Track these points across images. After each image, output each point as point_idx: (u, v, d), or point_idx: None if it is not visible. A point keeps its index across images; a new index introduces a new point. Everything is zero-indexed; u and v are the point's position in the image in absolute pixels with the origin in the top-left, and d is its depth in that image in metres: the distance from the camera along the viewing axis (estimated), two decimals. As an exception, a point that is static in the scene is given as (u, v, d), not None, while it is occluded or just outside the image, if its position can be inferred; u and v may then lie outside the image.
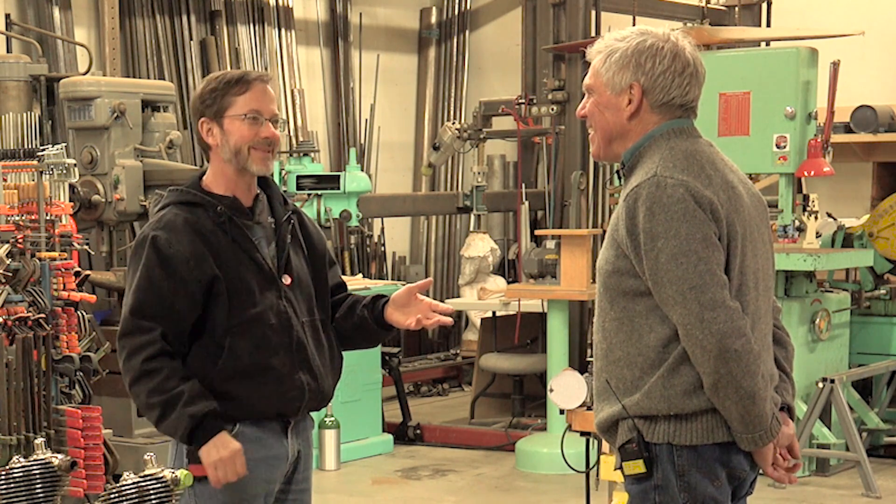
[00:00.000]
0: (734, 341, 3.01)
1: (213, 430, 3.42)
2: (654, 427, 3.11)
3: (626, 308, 3.13)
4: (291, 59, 11.07)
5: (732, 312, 3.02)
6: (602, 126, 3.24)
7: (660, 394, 3.09)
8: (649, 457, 3.12)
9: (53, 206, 5.60)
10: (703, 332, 3.00)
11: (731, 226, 3.10)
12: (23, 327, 5.34)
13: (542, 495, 7.46)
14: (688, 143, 3.20)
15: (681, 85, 3.21)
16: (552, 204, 9.16)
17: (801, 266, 7.58)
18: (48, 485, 3.55)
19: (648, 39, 3.18)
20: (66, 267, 5.56)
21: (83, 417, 5.38)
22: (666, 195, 3.05)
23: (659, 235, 3.04)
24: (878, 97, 9.57)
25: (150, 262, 3.45)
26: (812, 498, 7.31)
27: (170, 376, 3.42)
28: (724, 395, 3.04)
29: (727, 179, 3.17)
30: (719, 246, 3.07)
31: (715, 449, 3.11)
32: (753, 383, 3.03)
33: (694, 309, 3.01)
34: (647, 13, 9.67)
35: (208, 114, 3.54)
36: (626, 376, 3.14)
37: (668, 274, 3.03)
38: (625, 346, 3.14)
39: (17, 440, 5.26)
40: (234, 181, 3.57)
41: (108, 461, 5.58)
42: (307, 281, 3.66)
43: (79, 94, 7.90)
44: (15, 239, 5.43)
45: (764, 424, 3.08)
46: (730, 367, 3.01)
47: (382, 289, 8.78)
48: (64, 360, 5.51)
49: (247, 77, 3.55)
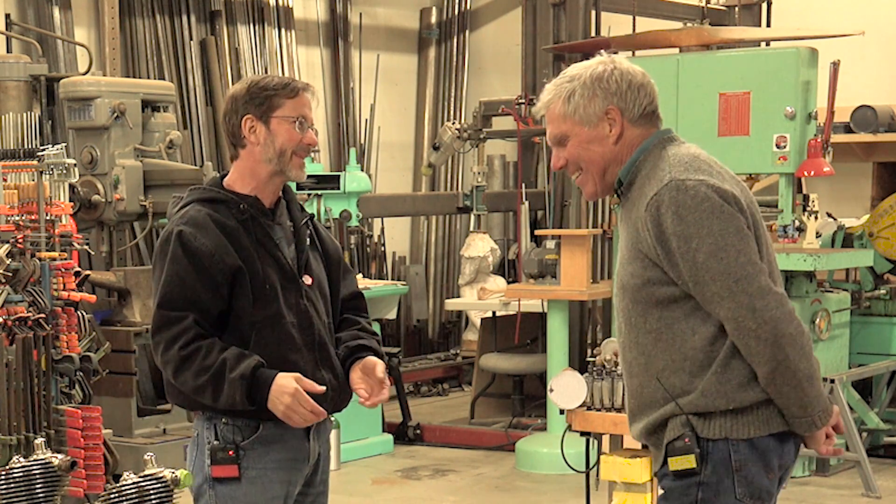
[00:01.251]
0: (787, 325, 3.04)
1: (267, 382, 3.40)
2: (710, 423, 3.11)
3: (663, 317, 3.14)
4: (291, 59, 11.07)
5: (781, 297, 3.06)
6: (592, 161, 3.23)
7: (716, 390, 3.09)
8: (700, 452, 3.12)
9: (53, 206, 5.60)
10: (757, 321, 3.02)
11: (754, 215, 3.14)
12: (23, 327, 5.35)
13: (542, 495, 7.46)
14: (683, 147, 3.21)
15: (646, 93, 3.21)
16: (552, 204, 9.16)
17: (801, 266, 7.58)
18: (48, 485, 3.55)
19: (597, 67, 3.20)
20: (66, 267, 5.56)
21: (83, 417, 5.38)
22: (689, 196, 3.06)
23: (692, 236, 3.05)
24: (878, 97, 9.57)
25: (177, 256, 3.46)
26: (812, 498, 7.31)
27: (207, 353, 3.41)
28: (781, 382, 3.06)
29: (733, 175, 3.21)
30: (751, 235, 3.10)
31: (770, 440, 3.13)
32: (810, 365, 3.08)
33: (743, 300, 3.03)
34: (647, 13, 9.67)
35: (255, 112, 3.53)
36: (674, 384, 3.14)
37: (709, 272, 3.04)
38: (666, 355, 3.14)
39: (17, 440, 5.26)
40: (264, 182, 3.58)
41: (108, 461, 5.59)
42: (325, 284, 3.68)
43: (79, 94, 7.90)
44: (15, 239, 5.43)
45: (823, 403, 3.14)
46: (787, 352, 3.03)
47: (382, 289, 8.79)
48: (64, 360, 5.51)
49: (296, 84, 3.57)
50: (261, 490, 3.51)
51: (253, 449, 3.50)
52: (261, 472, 3.51)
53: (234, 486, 3.49)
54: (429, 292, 11.85)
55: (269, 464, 3.51)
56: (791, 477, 8.06)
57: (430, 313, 11.88)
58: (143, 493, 3.33)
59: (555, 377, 5.55)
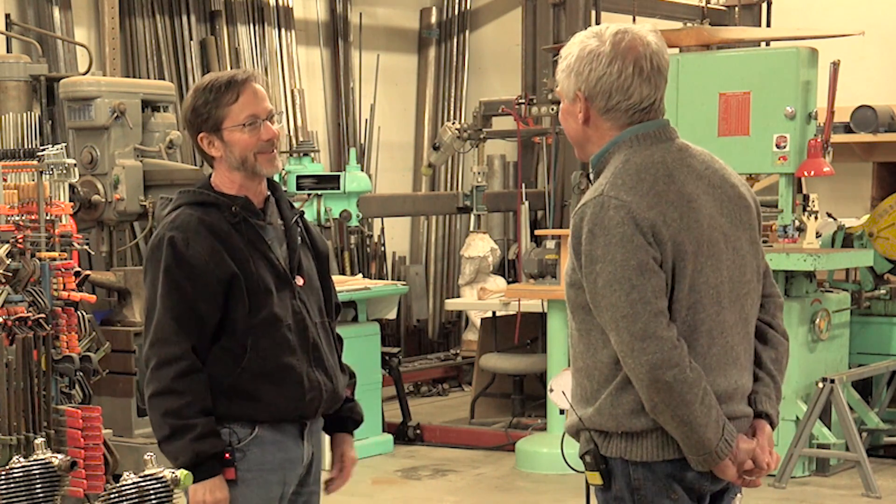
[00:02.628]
0: (664, 372, 2.96)
1: (212, 471, 3.42)
2: (609, 442, 3.10)
3: (584, 321, 3.11)
4: (291, 59, 11.07)
5: (664, 343, 2.97)
6: (568, 133, 3.23)
7: (609, 412, 3.07)
8: (606, 469, 3.11)
9: (53, 206, 5.60)
10: (635, 362, 2.98)
11: (679, 245, 3.03)
12: (23, 327, 5.34)
13: (542, 495, 7.46)
14: (648, 152, 3.10)
15: (621, 88, 3.07)
16: (552, 204, 9.16)
17: (801, 266, 7.58)
18: (48, 485, 3.55)
19: (592, 44, 3.10)
20: (66, 267, 5.56)
21: (83, 417, 5.38)
22: (607, 217, 3.00)
23: (598, 259, 3.01)
24: (878, 97, 9.57)
25: (170, 264, 3.44)
26: (812, 498, 7.30)
27: (192, 403, 3.41)
28: (663, 420, 3.02)
29: (683, 193, 3.08)
30: (658, 271, 3.00)
31: (667, 465, 3.08)
32: (689, 412, 2.99)
33: (625, 338, 2.98)
34: (646, 13, 9.67)
35: (206, 128, 3.51)
36: (586, 386, 3.14)
37: (603, 300, 3.01)
38: (584, 358, 3.13)
39: (17, 440, 5.26)
40: (245, 185, 3.56)
41: (108, 461, 5.58)
42: (316, 283, 3.67)
43: (79, 94, 7.90)
44: (15, 239, 5.43)
45: (707, 448, 3.03)
46: (662, 397, 2.98)
47: (383, 289, 8.79)
48: (64, 360, 5.51)
49: (234, 81, 3.49)
50: (257, 492, 3.51)
51: (249, 451, 3.50)
52: (257, 475, 3.51)
53: (231, 489, 3.48)
54: (429, 292, 11.86)
55: (265, 466, 3.51)
56: (791, 477, 8.06)
57: (430, 313, 11.88)
58: (143, 493, 3.33)
59: (555, 377, 5.55)
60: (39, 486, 3.55)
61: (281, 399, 3.51)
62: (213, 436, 3.42)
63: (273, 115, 3.57)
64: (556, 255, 8.15)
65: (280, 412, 3.52)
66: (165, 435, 3.42)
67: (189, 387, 3.41)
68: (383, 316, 8.97)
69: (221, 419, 3.47)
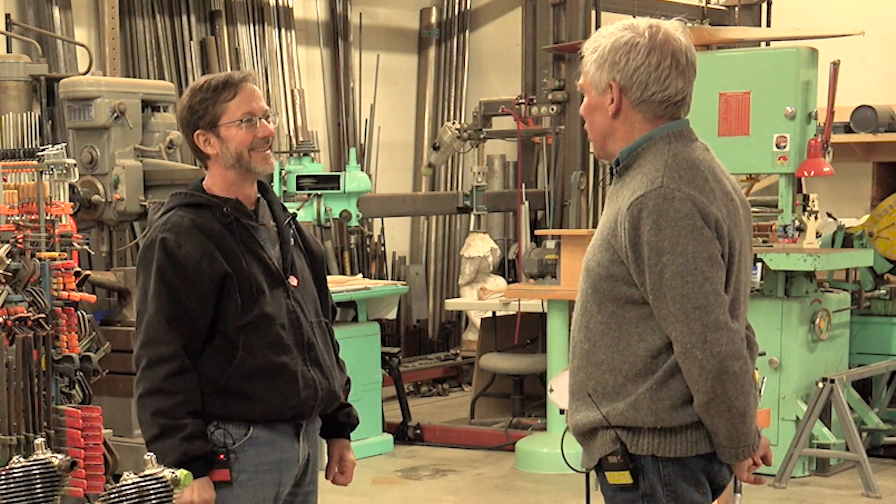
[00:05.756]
0: (734, 363, 2.99)
1: (200, 472, 3.42)
2: (638, 439, 3.09)
3: (616, 314, 3.09)
4: (291, 59, 11.07)
5: (734, 334, 3.01)
6: (593, 127, 3.19)
7: (647, 406, 3.06)
8: (635, 467, 3.10)
9: (53, 206, 5.59)
10: (705, 353, 2.98)
11: (732, 242, 3.08)
12: (23, 327, 5.33)
13: (542, 495, 7.46)
14: (689, 149, 3.12)
15: (658, 79, 3.08)
16: (552, 204, 9.16)
17: (801, 266, 7.58)
18: (48, 485, 3.54)
19: (626, 35, 3.12)
20: (66, 267, 5.55)
21: (83, 417, 5.37)
22: (674, 209, 2.99)
23: (665, 250, 2.99)
24: (878, 97, 9.57)
25: (161, 265, 3.45)
26: (812, 498, 7.31)
27: (182, 404, 3.42)
28: (714, 413, 3.03)
29: (726, 191, 3.13)
30: (722, 264, 3.04)
31: (699, 460, 3.11)
32: (746, 403, 3.03)
33: (697, 329, 2.98)
34: (646, 13, 9.63)
35: (202, 125, 3.53)
36: (607, 381, 3.11)
37: (671, 291, 2.99)
38: (609, 351, 3.11)
39: (17, 440, 5.25)
40: (238, 185, 3.57)
41: (108, 461, 5.57)
42: (311, 283, 3.68)
43: (79, 94, 7.89)
44: (15, 239, 5.42)
45: (749, 441, 3.09)
46: (726, 388, 3.00)
47: (382, 289, 8.79)
48: (64, 360, 5.50)
49: (232, 80, 3.53)
50: (252, 493, 3.51)
51: (244, 452, 3.51)
52: (252, 476, 3.52)
53: (226, 490, 3.48)
54: (429, 292, 11.86)
55: (261, 466, 3.51)
56: (791, 477, 8.08)
57: (430, 313, 11.88)
58: (143, 493, 3.32)
59: (555, 377, 5.54)
60: (39, 486, 3.54)
61: (275, 397, 3.50)
62: (202, 437, 3.44)
63: (269, 114, 3.59)
64: (556, 255, 8.15)
65: (274, 411, 3.52)
66: (155, 434, 3.43)
67: (179, 387, 3.43)
68: (383, 316, 8.97)
69: (216, 419, 3.48)
